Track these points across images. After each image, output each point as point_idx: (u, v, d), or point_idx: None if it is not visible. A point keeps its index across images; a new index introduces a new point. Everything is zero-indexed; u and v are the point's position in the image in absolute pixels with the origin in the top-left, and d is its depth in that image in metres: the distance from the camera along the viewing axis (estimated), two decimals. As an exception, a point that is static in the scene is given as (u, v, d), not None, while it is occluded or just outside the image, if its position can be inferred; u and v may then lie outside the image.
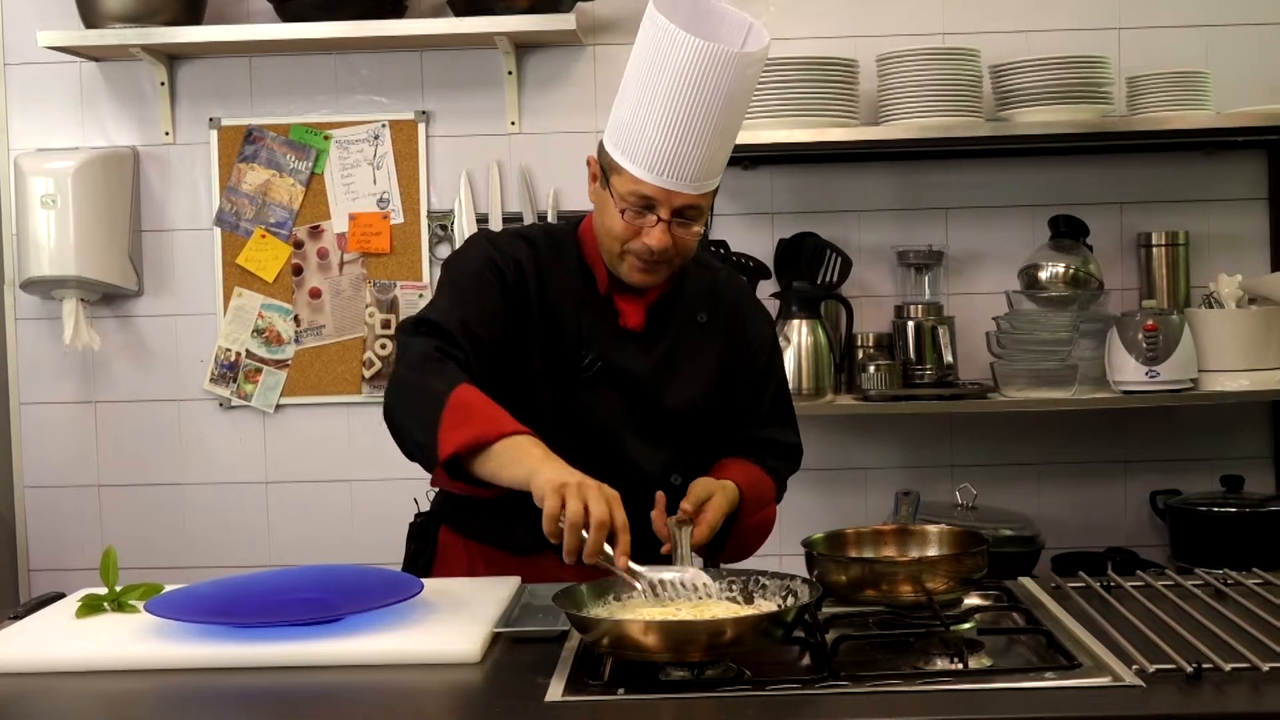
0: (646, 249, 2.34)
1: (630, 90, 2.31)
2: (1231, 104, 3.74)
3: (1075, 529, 3.95)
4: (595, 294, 2.46)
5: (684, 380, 2.49)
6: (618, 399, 2.44)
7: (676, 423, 2.49)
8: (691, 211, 2.34)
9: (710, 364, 2.52)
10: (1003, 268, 3.91)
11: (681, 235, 2.35)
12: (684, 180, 2.29)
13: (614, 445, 2.43)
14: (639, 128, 2.28)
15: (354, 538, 3.99)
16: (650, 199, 2.31)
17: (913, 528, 2.34)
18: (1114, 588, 2.30)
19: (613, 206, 2.34)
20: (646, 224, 2.33)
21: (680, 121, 2.25)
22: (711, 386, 2.52)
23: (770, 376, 2.63)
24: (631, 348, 2.46)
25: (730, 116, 2.30)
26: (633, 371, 2.45)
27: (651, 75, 2.26)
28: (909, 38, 3.85)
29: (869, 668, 1.91)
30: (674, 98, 2.24)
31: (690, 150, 2.27)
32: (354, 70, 3.97)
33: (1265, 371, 3.67)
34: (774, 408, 2.62)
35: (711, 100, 2.25)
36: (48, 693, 1.97)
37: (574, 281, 2.46)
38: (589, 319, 2.45)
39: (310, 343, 3.98)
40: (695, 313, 2.53)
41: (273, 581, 2.30)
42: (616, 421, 2.44)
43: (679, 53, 2.22)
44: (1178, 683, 1.79)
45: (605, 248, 2.41)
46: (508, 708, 1.79)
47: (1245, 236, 3.95)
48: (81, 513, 4.04)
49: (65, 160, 3.84)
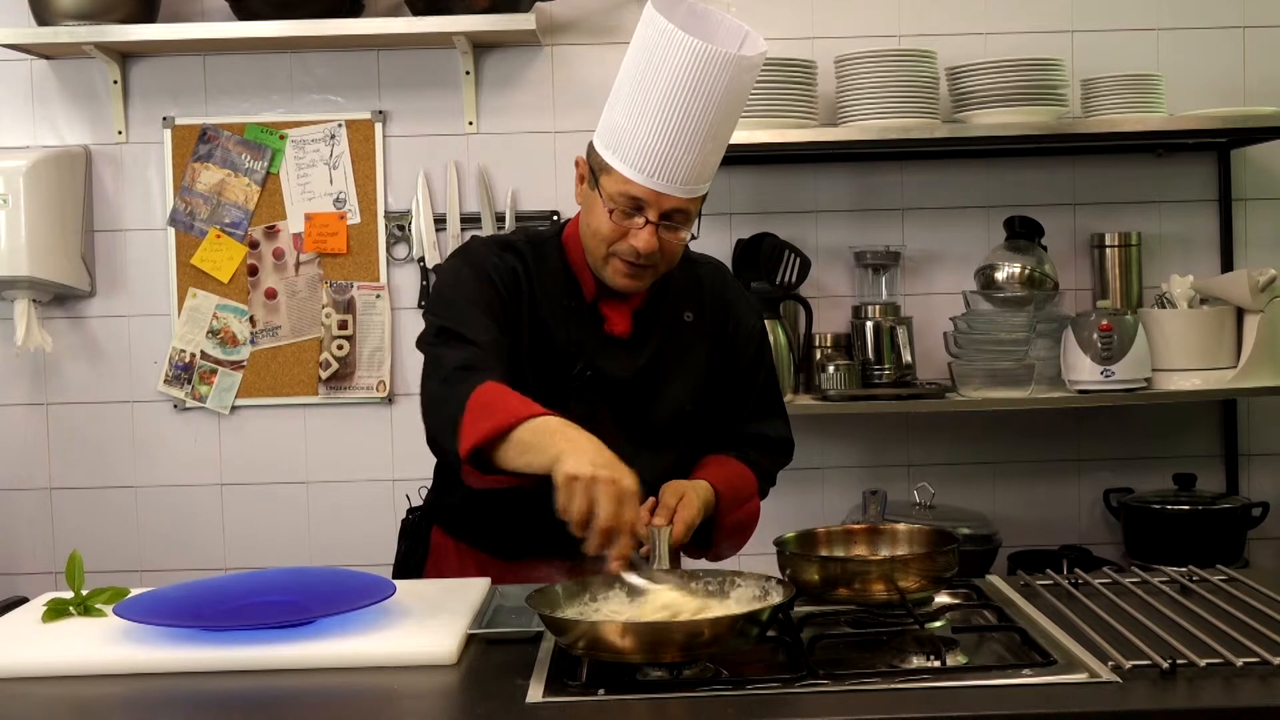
0: (633, 251, 2.33)
1: (624, 90, 2.30)
2: (1183, 107, 3.79)
3: (1030, 527, 3.99)
4: (581, 301, 2.45)
5: (672, 384, 2.48)
6: (606, 407, 2.43)
7: (666, 428, 2.49)
8: (680, 216, 2.33)
9: (698, 364, 2.52)
10: (959, 268, 3.95)
11: (668, 240, 2.34)
12: (674, 183, 2.28)
13: None
14: (631, 128, 2.27)
15: (310, 540, 3.97)
16: (639, 200, 2.30)
17: (883, 526, 2.35)
18: (1081, 585, 2.32)
19: (600, 207, 2.33)
20: (634, 226, 2.32)
21: (674, 123, 2.24)
22: (700, 387, 2.52)
23: (759, 369, 2.62)
24: (618, 355, 2.45)
25: (724, 121, 2.30)
26: (620, 379, 2.44)
27: (647, 75, 2.25)
28: (866, 39, 3.87)
29: (846, 666, 1.92)
30: (669, 98, 2.23)
31: (682, 153, 2.26)
32: (310, 69, 3.94)
33: (1217, 371, 3.73)
34: (762, 400, 2.62)
35: (707, 103, 2.24)
36: (16, 699, 1.94)
37: (560, 290, 2.45)
38: (576, 327, 2.43)
39: (266, 344, 3.94)
40: (682, 312, 2.52)
41: (243, 584, 2.28)
42: (605, 430, 2.41)
43: (676, 53, 2.22)
44: (1153, 679, 1.81)
45: (591, 250, 2.40)
46: (490, 710, 1.78)
47: (1196, 237, 4.00)
48: (33, 516, 3.98)
49: (17, 159, 3.78)
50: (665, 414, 2.48)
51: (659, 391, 2.47)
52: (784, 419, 2.68)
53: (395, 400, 3.94)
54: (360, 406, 3.95)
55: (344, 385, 3.93)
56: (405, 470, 3.93)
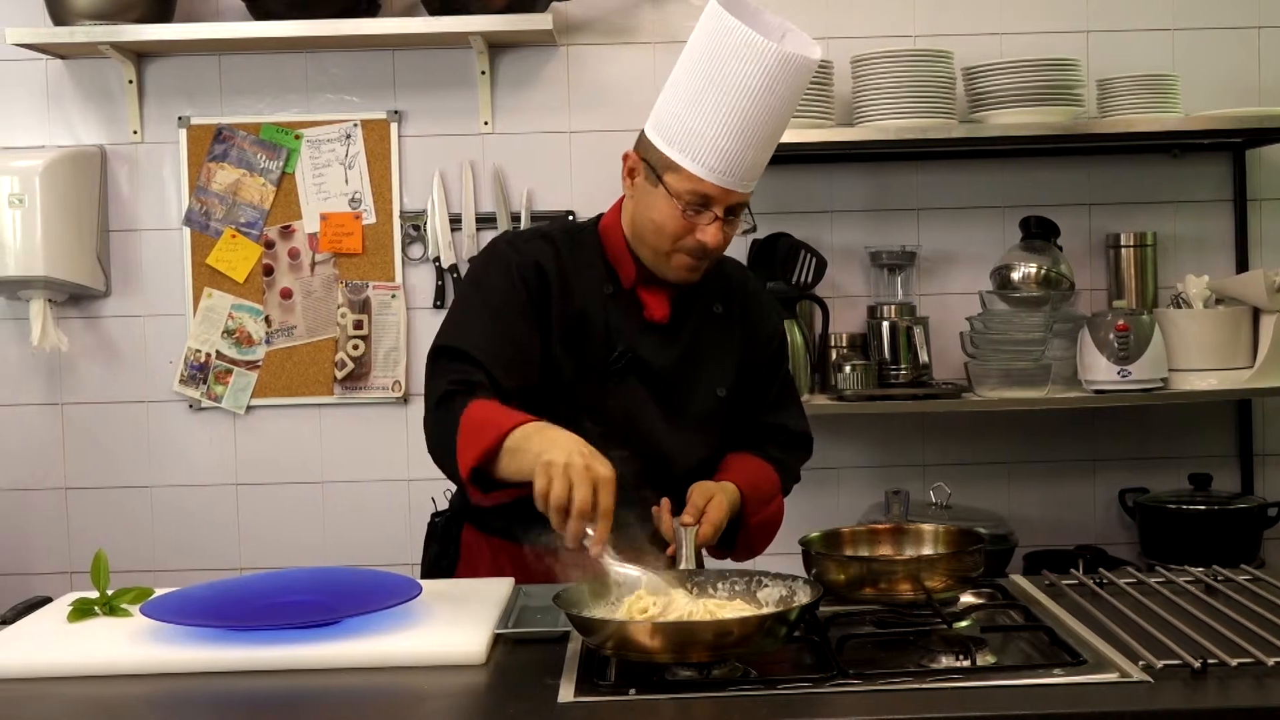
0: (701, 246, 2.37)
1: (692, 87, 2.32)
2: (1198, 107, 3.79)
3: (1045, 527, 3.99)
4: (620, 288, 2.49)
5: (708, 370, 2.53)
6: (645, 391, 2.47)
7: (703, 414, 2.52)
8: (739, 209, 2.40)
9: (730, 353, 2.57)
10: (974, 268, 3.94)
11: (729, 233, 2.41)
12: (743, 180, 2.35)
13: (644, 436, 2.45)
14: (701, 126, 2.30)
15: (325, 540, 3.97)
16: (709, 197, 2.34)
17: (907, 526, 2.35)
18: (1106, 584, 2.32)
19: (664, 202, 2.36)
20: (702, 221, 2.36)
21: (746, 122, 2.28)
22: (730, 376, 2.56)
23: (780, 363, 2.69)
24: (657, 340, 2.49)
25: (786, 119, 2.37)
26: (659, 363, 2.48)
27: (715, 74, 2.28)
28: (881, 39, 3.87)
29: (874, 666, 1.92)
30: (741, 98, 2.27)
31: (752, 152, 2.32)
32: (325, 69, 3.94)
33: (1233, 371, 3.72)
34: (782, 393, 2.68)
35: (776, 102, 2.30)
36: (44, 698, 1.94)
37: (598, 277, 2.48)
38: (615, 313, 2.47)
39: (281, 343, 3.94)
40: (712, 304, 2.57)
41: (269, 584, 2.28)
42: (646, 413, 2.47)
43: (750, 54, 2.26)
44: (1184, 678, 1.81)
45: (650, 244, 2.42)
46: (522, 710, 1.78)
47: (1211, 238, 4.00)
48: (48, 516, 3.98)
49: (32, 159, 3.79)
50: (702, 399, 2.52)
51: (696, 377, 2.52)
52: (802, 413, 2.74)
53: (410, 400, 3.94)
54: (375, 406, 3.95)
55: (359, 385, 3.93)
56: (420, 470, 3.92)
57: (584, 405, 2.40)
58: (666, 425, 2.47)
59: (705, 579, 2.15)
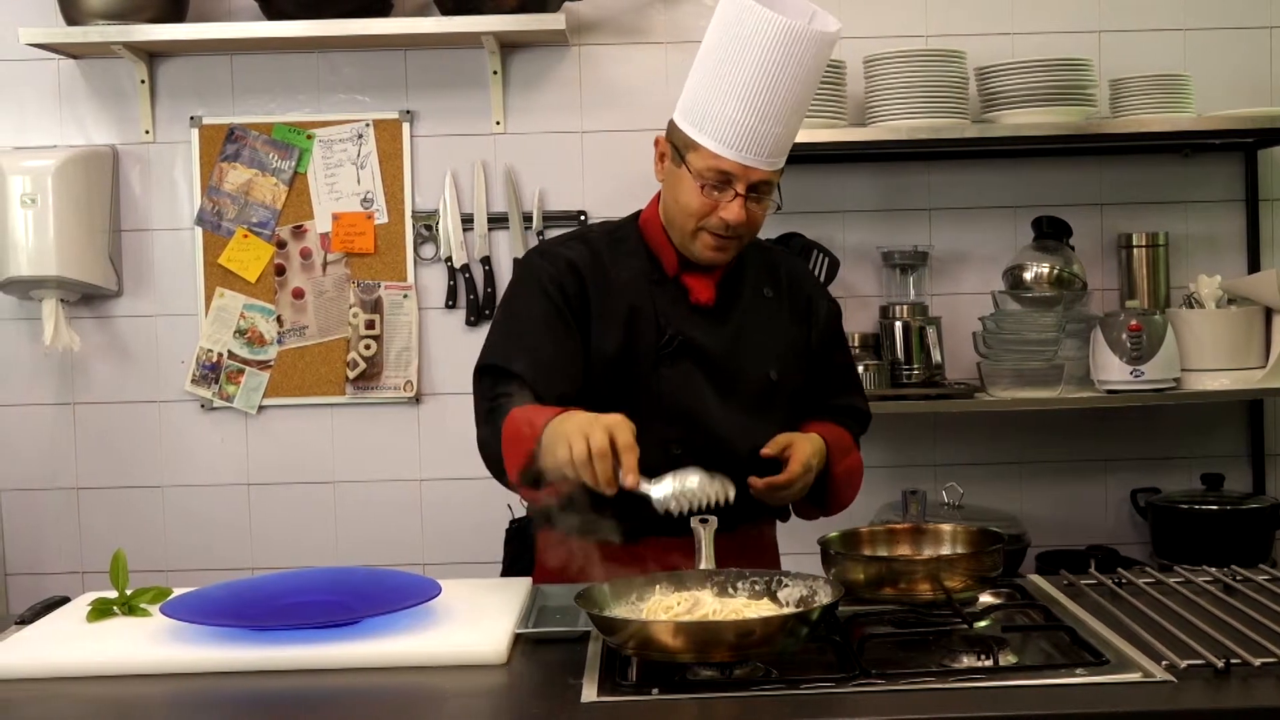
0: (723, 224, 2.42)
1: (709, 67, 2.39)
2: (1209, 107, 3.78)
3: (1056, 527, 3.98)
4: (664, 276, 2.54)
5: (756, 352, 2.57)
6: (699, 373, 2.51)
7: (755, 393, 2.55)
8: (765, 187, 2.43)
9: (779, 336, 2.61)
10: (986, 268, 3.94)
11: (754, 211, 2.44)
12: (761, 156, 2.38)
13: (700, 419, 2.49)
14: (719, 105, 2.36)
15: (337, 540, 3.97)
16: (729, 174, 2.39)
17: (926, 526, 2.36)
18: (1125, 584, 2.32)
19: (689, 182, 2.42)
20: (724, 199, 2.41)
21: (762, 98, 2.33)
22: (782, 359, 2.60)
23: (839, 344, 2.74)
24: (705, 323, 2.53)
25: (805, 95, 2.40)
26: (709, 345, 2.52)
27: (733, 52, 2.34)
28: (893, 39, 3.87)
29: (896, 665, 1.92)
30: (756, 74, 2.33)
31: (769, 126, 2.35)
32: (337, 69, 3.94)
33: (1245, 371, 3.72)
34: (845, 375, 2.74)
35: (793, 77, 2.34)
36: (65, 698, 1.95)
37: (642, 265, 2.54)
38: (663, 299, 2.52)
39: (293, 343, 3.94)
40: (761, 287, 2.61)
41: (288, 583, 2.29)
42: (699, 395, 2.51)
43: (764, 30, 2.32)
44: (1207, 678, 1.81)
45: (678, 225, 2.48)
46: (546, 710, 1.78)
47: (1223, 237, 3.99)
48: (59, 516, 3.98)
49: (45, 159, 3.79)
50: (753, 381, 2.56)
51: (745, 358, 2.55)
52: (863, 394, 2.80)
53: (422, 400, 3.94)
54: (387, 406, 3.95)
55: (371, 385, 3.93)
56: (432, 470, 3.93)
57: (636, 387, 2.47)
58: (721, 406, 2.52)
59: (725, 578, 2.15)
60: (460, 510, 3.89)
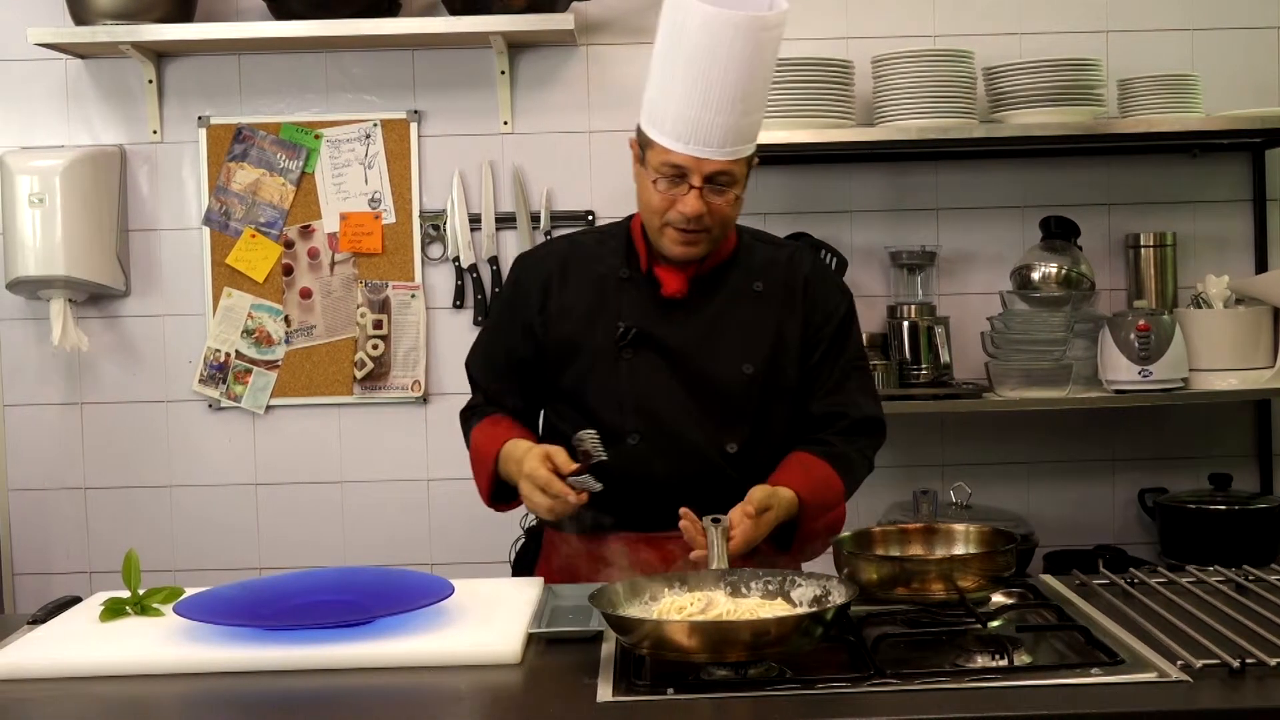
0: (682, 217, 2.44)
1: (655, 66, 2.42)
2: (1216, 107, 3.78)
3: (1064, 527, 3.98)
4: (636, 270, 2.57)
5: (730, 345, 2.54)
6: (663, 367, 2.52)
7: (726, 390, 2.53)
8: (724, 178, 2.43)
9: (764, 332, 2.57)
10: (994, 268, 3.94)
11: (716, 202, 2.44)
12: (711, 146, 2.39)
13: (660, 411, 2.50)
14: (664, 100, 2.40)
15: (345, 540, 3.97)
16: (680, 167, 2.41)
17: (938, 526, 2.35)
18: (1137, 584, 2.32)
19: (648, 180, 2.46)
20: (680, 193, 2.43)
21: (700, 88, 2.35)
22: (765, 354, 2.55)
23: (842, 346, 2.64)
24: (672, 316, 2.55)
25: (752, 82, 2.38)
26: (672, 339, 2.53)
27: (671, 48, 2.37)
28: (901, 39, 3.87)
29: (910, 665, 1.92)
30: (695, 66, 2.34)
31: (714, 116, 2.36)
32: (345, 69, 3.94)
33: (1253, 371, 3.72)
34: (845, 376, 2.63)
35: (729, 66, 2.34)
36: (78, 698, 1.95)
37: (617, 261, 2.59)
38: (630, 293, 2.56)
39: (301, 343, 3.94)
40: (750, 282, 2.60)
41: (300, 583, 2.29)
42: (661, 388, 2.52)
43: (693, 21, 2.33)
44: (1222, 678, 1.81)
45: (647, 224, 2.53)
46: (562, 710, 1.78)
47: (1230, 238, 3.99)
48: (67, 516, 3.98)
49: (53, 158, 3.79)
50: (727, 376, 2.53)
51: (715, 352, 2.54)
52: (873, 397, 2.70)
53: (430, 400, 3.94)
54: (395, 406, 3.95)
55: (379, 385, 3.93)
56: (440, 470, 3.93)
57: (599, 382, 2.52)
58: (686, 399, 2.51)
59: (739, 578, 2.15)
60: (468, 510, 3.83)
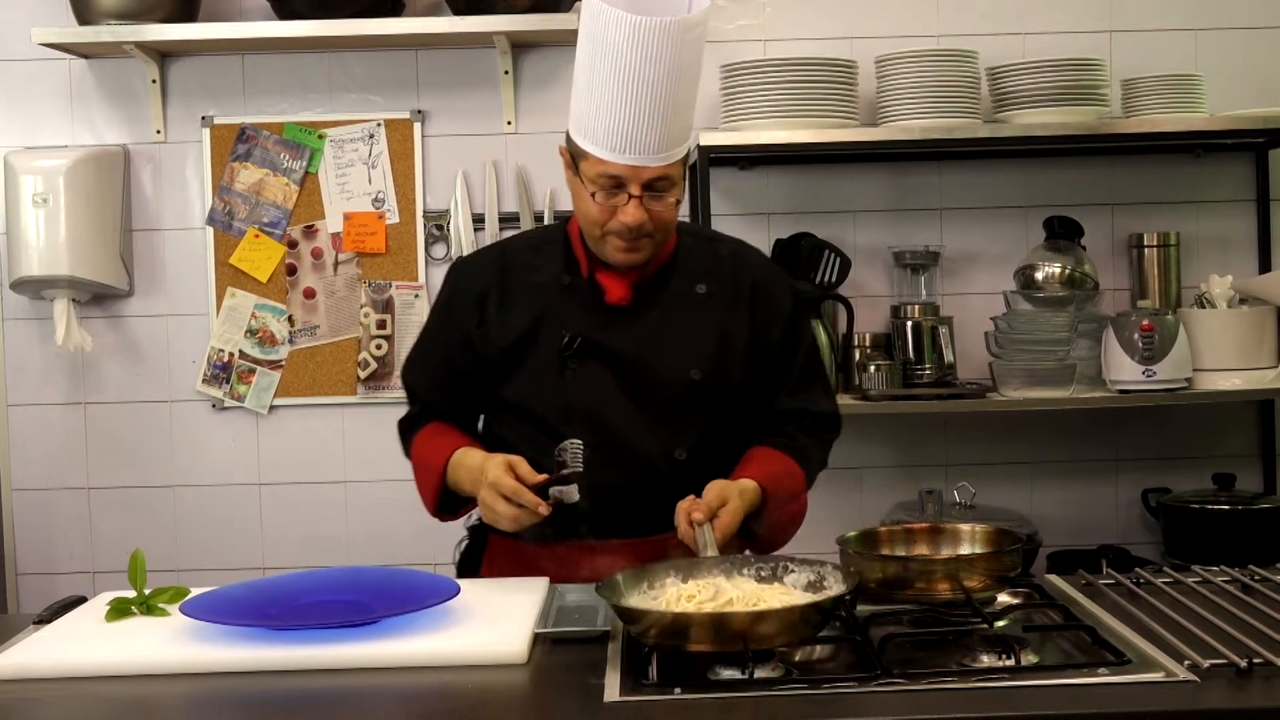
0: (624, 227, 2.39)
1: (582, 76, 2.38)
2: (1220, 107, 3.79)
3: (1067, 527, 3.98)
4: (578, 277, 2.52)
5: (675, 351, 2.50)
6: (609, 375, 2.47)
7: (672, 396, 2.49)
8: (662, 184, 2.39)
9: (708, 334, 2.52)
10: (998, 268, 3.94)
11: (656, 209, 2.40)
12: (646, 154, 2.34)
13: (608, 422, 2.45)
14: (594, 110, 2.34)
15: (348, 540, 3.97)
16: (618, 177, 2.36)
17: (944, 526, 2.35)
18: (1143, 584, 2.31)
19: (584, 191, 2.40)
20: (619, 202, 2.38)
21: (630, 97, 2.30)
22: (711, 358, 2.51)
23: (795, 344, 2.60)
24: (617, 323, 2.50)
25: (681, 85, 2.35)
26: (619, 346, 2.48)
27: (596, 57, 2.32)
28: (904, 39, 3.87)
29: (918, 665, 1.91)
30: (621, 75, 2.30)
31: (646, 123, 2.32)
32: (348, 69, 3.94)
33: (1257, 371, 3.72)
34: (804, 375, 2.61)
35: (656, 71, 2.30)
36: (84, 698, 1.95)
37: (556, 269, 2.53)
38: (572, 302, 2.50)
39: (304, 343, 3.95)
40: (694, 284, 2.55)
41: (306, 583, 2.28)
42: (608, 398, 2.47)
43: (616, 30, 2.28)
44: (1229, 678, 1.80)
45: (587, 233, 2.47)
46: (570, 709, 1.78)
47: (1234, 237, 4.00)
48: (70, 516, 3.98)
49: (56, 158, 3.79)
50: (672, 382, 2.49)
51: (661, 358, 2.49)
52: (828, 393, 2.68)
53: (433, 400, 3.93)
54: (399, 406, 3.84)
55: (382, 385, 3.93)
56: (443, 470, 3.93)
57: (548, 394, 2.47)
58: (633, 408, 2.46)
59: (731, 565, 2.15)
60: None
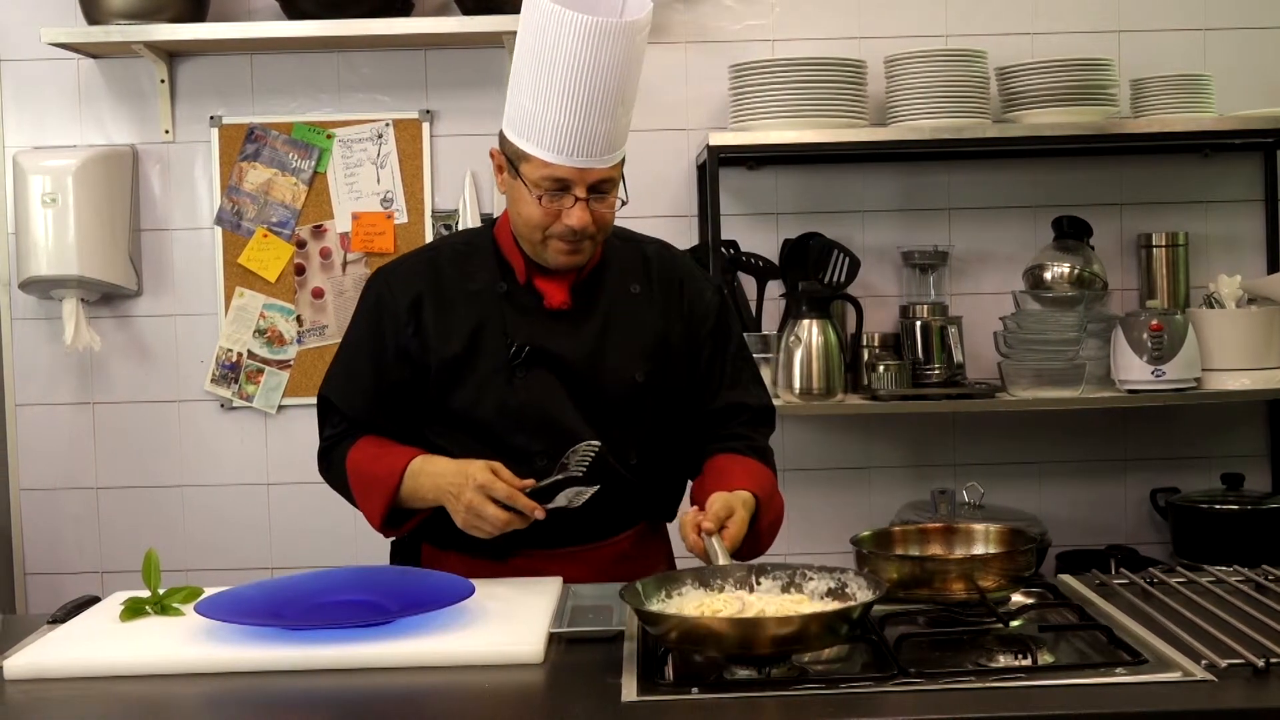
0: (569, 230, 2.36)
1: (525, 76, 2.34)
2: (1229, 107, 3.79)
3: (1076, 527, 3.98)
4: (515, 283, 2.48)
5: (619, 354, 2.48)
6: (557, 381, 2.45)
7: (621, 401, 2.48)
8: (606, 185, 2.37)
9: (648, 335, 2.51)
10: (1007, 268, 3.94)
11: (599, 210, 2.38)
12: (594, 156, 2.32)
13: (561, 428, 2.43)
14: (540, 112, 2.30)
15: (356, 540, 3.95)
16: (564, 180, 2.33)
17: (958, 525, 2.35)
18: (1157, 583, 2.31)
19: (527, 195, 2.36)
20: (564, 205, 2.35)
21: (581, 99, 2.28)
22: (652, 358, 2.50)
23: (725, 338, 2.60)
24: (560, 328, 2.47)
25: (627, 85, 2.34)
26: (565, 352, 2.46)
27: (545, 58, 2.29)
28: (913, 39, 3.87)
29: (934, 665, 1.91)
30: (571, 77, 2.27)
31: (595, 126, 2.30)
32: (357, 69, 3.95)
33: (1266, 370, 3.72)
34: (736, 369, 2.60)
35: (608, 73, 2.28)
36: (99, 698, 1.95)
37: (490, 276, 2.49)
38: (512, 308, 2.47)
39: (313, 343, 3.95)
40: (628, 285, 2.53)
41: (321, 583, 2.28)
42: (559, 404, 2.44)
43: (569, 32, 2.26)
44: (1247, 677, 1.80)
45: (525, 237, 2.43)
46: (587, 709, 1.78)
47: (1242, 237, 4.00)
48: (79, 516, 3.98)
49: (65, 158, 3.79)
50: (616, 385, 2.48)
51: (606, 361, 2.47)
52: (761, 385, 2.66)
53: (442, 400, 3.93)
54: (407, 406, 3.94)
55: (391, 385, 3.92)
56: (452, 470, 3.92)
57: (490, 401, 2.44)
58: (582, 414, 2.44)
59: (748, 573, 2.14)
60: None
